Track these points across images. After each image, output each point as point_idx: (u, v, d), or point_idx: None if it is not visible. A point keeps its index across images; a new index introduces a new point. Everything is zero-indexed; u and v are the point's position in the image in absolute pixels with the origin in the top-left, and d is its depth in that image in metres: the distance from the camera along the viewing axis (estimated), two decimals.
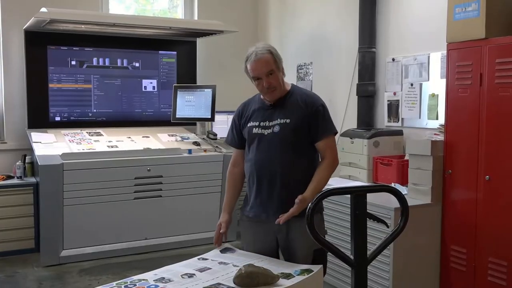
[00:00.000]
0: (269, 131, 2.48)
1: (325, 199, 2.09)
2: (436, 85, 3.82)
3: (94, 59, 5.30)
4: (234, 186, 2.66)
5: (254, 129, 2.53)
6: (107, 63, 5.36)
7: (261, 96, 2.57)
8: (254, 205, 2.53)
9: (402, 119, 4.16)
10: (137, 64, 5.51)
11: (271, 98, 2.52)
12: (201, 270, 2.16)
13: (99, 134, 5.10)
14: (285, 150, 2.44)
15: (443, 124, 3.39)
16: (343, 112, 4.73)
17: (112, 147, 4.81)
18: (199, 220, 4.88)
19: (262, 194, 2.49)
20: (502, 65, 2.92)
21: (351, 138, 4.08)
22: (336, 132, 2.56)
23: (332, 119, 2.56)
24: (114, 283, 2.03)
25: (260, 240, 2.51)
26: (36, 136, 4.77)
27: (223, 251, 2.46)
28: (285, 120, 2.46)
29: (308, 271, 2.14)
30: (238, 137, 2.63)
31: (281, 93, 2.51)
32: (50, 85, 5.11)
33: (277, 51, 2.52)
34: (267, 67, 2.44)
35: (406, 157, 3.70)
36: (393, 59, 4.23)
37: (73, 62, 5.21)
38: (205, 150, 5.00)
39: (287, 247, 2.47)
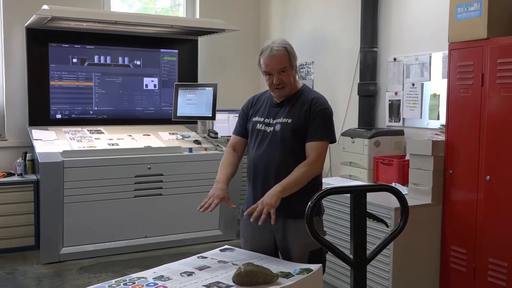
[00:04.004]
0: (271, 128, 2.48)
1: (325, 198, 2.08)
2: (437, 85, 3.81)
3: (96, 57, 5.30)
4: (230, 163, 2.58)
5: (258, 124, 2.52)
6: (108, 61, 5.36)
7: (272, 93, 2.56)
8: (249, 201, 2.53)
9: (403, 119, 4.15)
10: (138, 62, 5.51)
11: (279, 95, 2.50)
12: (201, 268, 2.15)
13: (100, 132, 5.10)
14: (284, 149, 2.43)
15: (444, 124, 3.38)
16: (344, 111, 4.72)
17: (112, 145, 4.81)
18: (199, 219, 4.87)
19: (256, 191, 2.48)
20: (504, 65, 2.91)
21: (352, 138, 4.08)
22: (333, 141, 2.48)
23: (333, 118, 2.52)
24: (113, 280, 2.03)
25: (258, 238, 2.50)
26: (37, 134, 4.77)
27: (223, 250, 2.46)
28: (287, 119, 2.45)
29: (308, 270, 2.13)
30: (242, 126, 2.63)
31: (290, 91, 2.48)
32: (51, 83, 5.11)
33: (293, 49, 2.48)
34: (280, 64, 2.42)
35: (407, 157, 3.70)
36: (395, 59, 4.22)
37: (75, 60, 5.21)
38: (205, 149, 5.00)
39: (284, 247, 2.47)
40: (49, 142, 4.64)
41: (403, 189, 3.47)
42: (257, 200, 2.44)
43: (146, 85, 5.56)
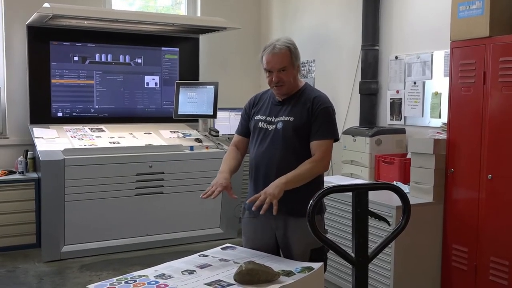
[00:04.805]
0: (273, 127, 2.48)
1: (326, 197, 2.07)
2: (439, 83, 3.81)
3: (97, 55, 5.30)
4: (233, 157, 2.59)
5: (260, 123, 2.53)
6: (109, 59, 5.36)
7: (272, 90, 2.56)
8: (250, 197, 2.52)
9: (405, 117, 4.14)
10: (139, 61, 5.50)
11: (277, 93, 2.50)
12: (202, 266, 2.15)
13: (101, 130, 5.10)
14: (285, 148, 2.43)
15: (446, 122, 3.38)
16: (345, 110, 4.72)
17: (114, 143, 4.81)
18: (200, 217, 4.88)
19: (258, 189, 2.46)
20: (506, 63, 2.90)
21: (353, 136, 4.07)
22: (336, 139, 2.49)
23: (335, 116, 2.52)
24: (115, 279, 2.02)
25: (259, 236, 2.51)
26: (38, 132, 4.77)
27: (224, 248, 2.46)
28: (288, 118, 2.45)
29: (309, 268, 2.13)
30: (243, 125, 2.64)
31: (289, 90, 2.48)
32: (53, 81, 5.11)
33: (297, 48, 2.48)
34: (281, 63, 2.42)
35: (408, 156, 3.69)
36: (396, 57, 4.22)
37: (76, 58, 5.20)
38: (206, 147, 5.00)
39: (285, 245, 2.47)
40: (51, 140, 4.64)
41: (405, 188, 3.47)
42: None
43: (147, 83, 5.55)
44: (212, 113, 5.28)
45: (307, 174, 2.37)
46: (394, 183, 3.53)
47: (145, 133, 5.18)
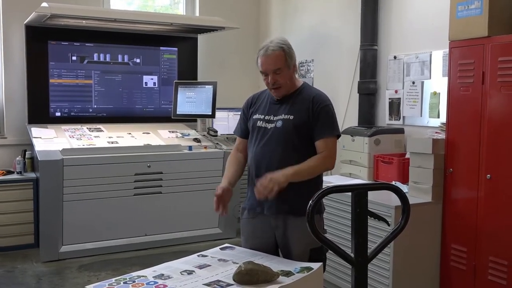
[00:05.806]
0: (272, 125, 2.48)
1: (326, 197, 2.07)
2: (437, 83, 3.81)
3: (95, 55, 5.29)
4: (237, 164, 2.60)
5: (258, 122, 2.52)
6: (108, 59, 5.35)
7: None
8: (251, 197, 2.52)
9: (404, 117, 4.14)
10: (138, 60, 5.49)
11: (275, 95, 2.51)
12: (201, 267, 2.15)
13: (99, 130, 5.09)
14: (285, 146, 2.43)
15: (445, 122, 3.38)
16: (344, 109, 4.71)
17: (112, 143, 4.80)
18: (199, 217, 4.88)
19: None
20: (505, 63, 2.90)
21: (352, 136, 4.07)
22: (339, 135, 2.51)
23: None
24: (113, 279, 2.02)
25: (258, 236, 2.50)
26: (36, 131, 4.77)
27: (223, 248, 2.45)
28: (288, 116, 2.45)
29: (308, 268, 2.13)
30: (243, 126, 2.64)
31: (286, 91, 2.48)
32: (51, 81, 5.10)
33: (291, 48, 2.48)
34: (275, 64, 2.42)
35: (407, 155, 3.69)
36: (395, 57, 4.22)
37: (74, 58, 5.20)
38: (205, 147, 5.00)
39: (284, 244, 2.47)
40: (49, 140, 4.63)
41: (404, 188, 3.47)
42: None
43: (146, 83, 5.55)
44: (210, 113, 5.28)
45: (315, 169, 2.39)
46: (393, 183, 3.53)
47: (143, 133, 5.18)
